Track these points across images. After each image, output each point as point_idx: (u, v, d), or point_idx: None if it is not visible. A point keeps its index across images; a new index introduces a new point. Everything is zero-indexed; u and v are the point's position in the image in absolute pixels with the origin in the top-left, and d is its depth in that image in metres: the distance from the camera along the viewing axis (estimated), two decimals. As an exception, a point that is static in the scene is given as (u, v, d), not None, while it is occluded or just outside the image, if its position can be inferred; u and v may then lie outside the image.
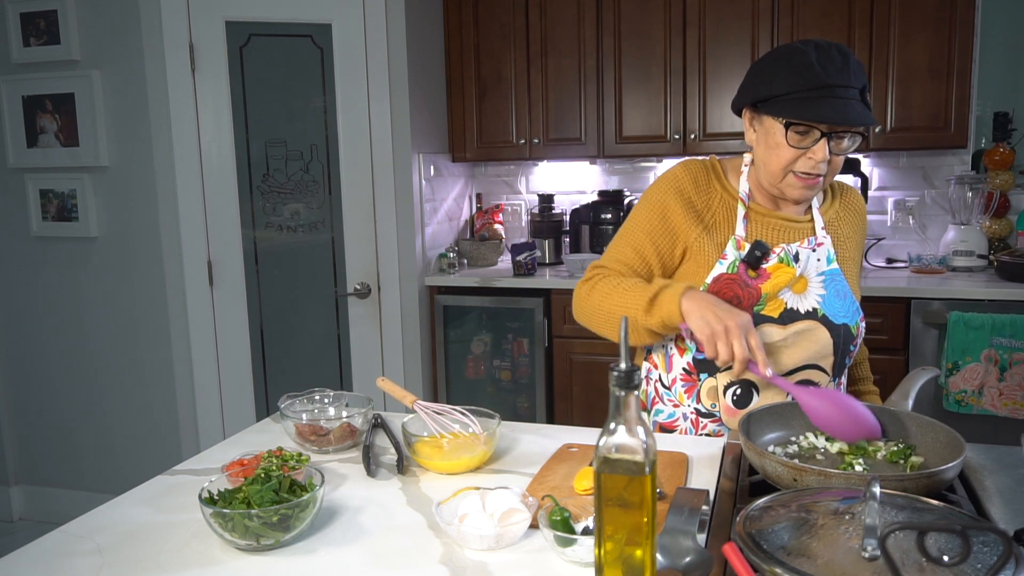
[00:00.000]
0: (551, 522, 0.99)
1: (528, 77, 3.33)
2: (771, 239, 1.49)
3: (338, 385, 3.14)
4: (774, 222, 1.50)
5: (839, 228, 1.55)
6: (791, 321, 1.44)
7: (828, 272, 1.48)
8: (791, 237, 1.49)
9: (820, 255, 1.49)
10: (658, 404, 1.57)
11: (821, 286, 1.48)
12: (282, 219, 3.04)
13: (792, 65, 1.36)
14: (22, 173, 3.12)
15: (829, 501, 0.90)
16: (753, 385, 1.46)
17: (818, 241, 1.50)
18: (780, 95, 1.36)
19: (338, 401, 1.50)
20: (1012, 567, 0.74)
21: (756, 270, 1.45)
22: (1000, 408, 2.58)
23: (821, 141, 1.36)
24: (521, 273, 3.23)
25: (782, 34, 3.00)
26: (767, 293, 1.44)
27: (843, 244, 1.54)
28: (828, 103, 1.33)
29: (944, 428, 1.16)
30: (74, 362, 3.22)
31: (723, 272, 1.46)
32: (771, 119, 1.39)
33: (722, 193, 1.51)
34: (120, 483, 2.98)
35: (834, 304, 1.47)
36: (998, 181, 3.04)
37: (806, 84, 1.34)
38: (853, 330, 1.48)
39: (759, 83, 1.41)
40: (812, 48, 1.36)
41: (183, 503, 1.18)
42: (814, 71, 1.33)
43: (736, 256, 1.46)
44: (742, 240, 1.47)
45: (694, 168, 1.53)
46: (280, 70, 2.98)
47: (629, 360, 0.80)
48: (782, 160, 1.39)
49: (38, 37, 2.97)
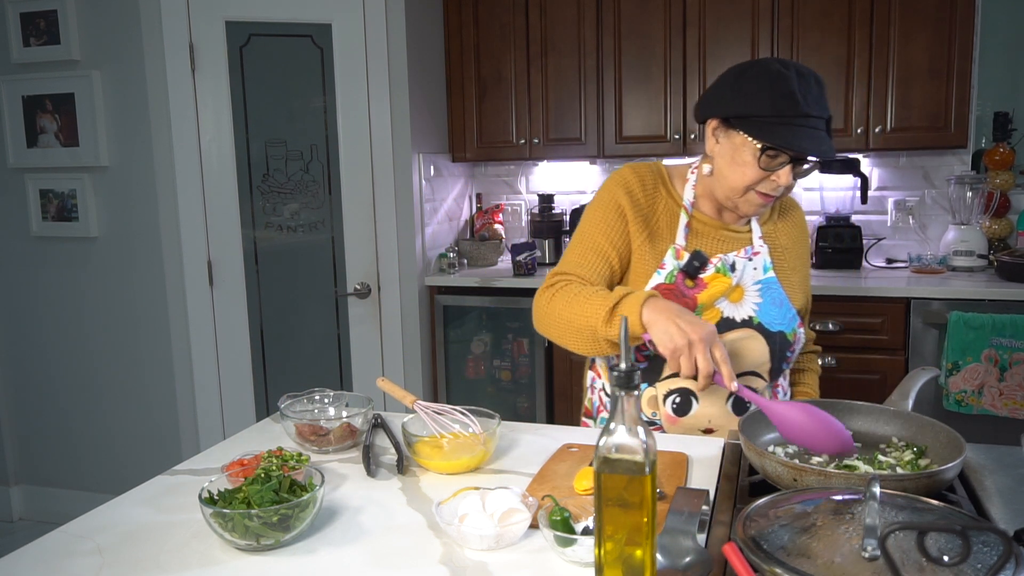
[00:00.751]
0: (551, 522, 0.99)
1: (528, 77, 3.33)
2: (709, 249, 1.50)
3: (338, 385, 3.14)
4: (714, 232, 1.51)
5: (777, 238, 1.57)
6: (728, 330, 1.45)
7: (764, 281, 1.50)
8: (729, 247, 1.51)
9: (756, 264, 1.51)
10: (603, 412, 1.58)
11: (757, 295, 1.49)
12: (282, 219, 3.04)
13: (775, 88, 1.34)
14: (22, 173, 3.12)
15: (829, 501, 0.90)
16: (692, 393, 1.47)
17: (755, 250, 1.51)
18: (759, 116, 1.35)
19: (338, 401, 1.50)
20: (1012, 567, 0.74)
21: (694, 280, 1.46)
22: (1000, 408, 2.58)
23: (787, 167, 1.37)
24: (521, 273, 3.23)
25: (782, 34, 3.00)
26: (703, 303, 1.45)
27: (781, 254, 1.56)
28: (805, 133, 1.34)
29: (944, 428, 1.16)
30: (74, 362, 3.22)
31: (661, 282, 1.47)
32: (743, 137, 1.38)
33: (667, 199, 1.52)
34: (120, 483, 2.98)
35: (770, 312, 1.49)
36: (998, 181, 3.04)
37: (786, 111, 1.33)
38: (790, 337, 1.50)
39: (737, 98, 1.39)
40: (793, 73, 1.35)
41: (183, 503, 1.18)
42: (795, 99, 1.33)
43: (674, 265, 1.48)
44: (681, 249, 1.49)
45: (641, 171, 1.54)
46: (280, 70, 2.98)
47: (629, 360, 0.80)
48: (746, 179, 1.40)
49: (38, 37, 2.97)
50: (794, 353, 1.53)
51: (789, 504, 0.91)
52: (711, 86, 1.47)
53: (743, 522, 0.88)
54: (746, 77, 1.39)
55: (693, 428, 1.48)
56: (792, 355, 1.52)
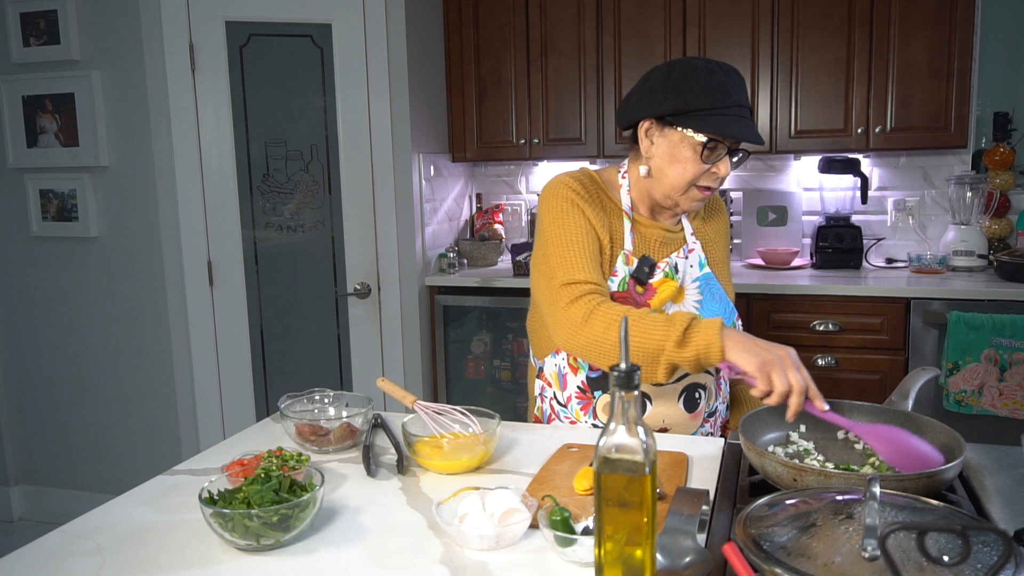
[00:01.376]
0: (551, 522, 0.99)
1: (528, 77, 3.33)
2: (654, 252, 1.51)
3: (338, 385, 3.14)
4: (654, 233, 1.52)
5: (706, 232, 1.60)
6: None
7: (702, 277, 1.52)
8: (669, 248, 1.53)
9: (692, 261, 1.53)
10: (555, 421, 1.58)
11: (697, 292, 1.51)
12: (282, 219, 3.04)
13: (707, 82, 1.37)
14: (22, 173, 3.12)
15: (829, 501, 0.90)
16: (647, 396, 1.48)
17: (689, 248, 1.54)
18: (696, 110, 1.37)
19: (338, 401, 1.50)
20: (1012, 567, 0.74)
21: (643, 285, 1.46)
22: (1000, 408, 2.58)
23: (725, 157, 1.41)
24: (521, 273, 3.23)
25: (782, 34, 3.00)
26: (655, 308, 1.45)
27: (711, 247, 1.58)
28: (741, 123, 1.38)
29: (944, 428, 1.16)
30: (74, 362, 3.22)
31: (615, 290, 1.47)
32: (681, 133, 1.40)
33: (608, 204, 1.52)
34: (120, 483, 2.98)
35: (712, 308, 1.50)
36: (998, 181, 3.04)
37: (721, 102, 1.37)
38: None
39: (671, 96, 1.39)
40: (716, 67, 1.39)
41: (183, 503, 1.18)
42: (726, 90, 1.37)
43: (625, 272, 1.48)
44: (630, 255, 1.49)
45: (578, 176, 1.51)
46: (280, 70, 2.98)
47: (629, 360, 0.80)
48: (687, 174, 1.41)
49: (38, 37, 2.97)
50: None
51: (789, 504, 0.91)
52: (634, 90, 1.47)
53: (743, 522, 0.88)
54: (675, 75, 1.40)
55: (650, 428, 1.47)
56: None
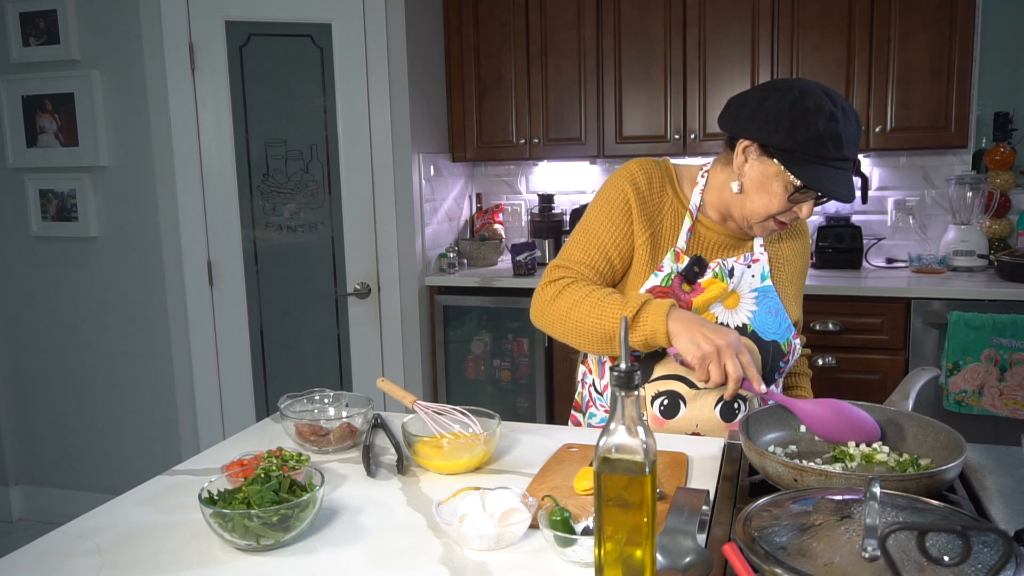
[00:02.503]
0: (551, 522, 0.99)
1: (528, 77, 3.33)
2: (709, 254, 1.49)
3: (338, 385, 3.14)
4: (716, 237, 1.50)
5: (779, 248, 1.56)
6: None
7: (761, 289, 1.49)
8: (729, 252, 1.51)
9: (755, 271, 1.49)
10: (592, 408, 1.59)
11: (753, 302, 1.48)
12: (282, 219, 3.04)
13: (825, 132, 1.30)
14: (22, 173, 3.12)
15: (829, 501, 0.90)
16: (681, 397, 1.46)
17: (754, 257, 1.50)
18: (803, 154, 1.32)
19: (338, 401, 1.50)
20: (1012, 567, 0.74)
21: (691, 284, 1.45)
22: (1000, 408, 2.58)
23: (810, 203, 1.39)
24: (521, 273, 3.23)
25: (782, 34, 3.00)
26: (697, 307, 1.44)
27: (781, 264, 1.55)
28: (839, 176, 1.33)
29: (944, 428, 1.16)
30: (74, 362, 3.22)
31: (657, 284, 1.46)
32: (779, 168, 1.35)
33: (673, 199, 1.51)
34: (120, 483, 2.98)
35: (765, 321, 1.47)
36: (998, 181, 3.04)
37: (830, 154, 1.31)
38: (784, 347, 1.48)
39: (782, 129, 1.32)
40: (840, 114, 1.31)
41: (183, 503, 1.18)
42: (840, 143, 1.31)
43: (673, 268, 1.46)
44: (681, 252, 1.47)
45: (649, 167, 1.51)
46: (280, 70, 2.98)
47: (629, 360, 0.80)
48: (771, 208, 1.40)
49: (38, 37, 2.97)
50: (787, 364, 1.50)
51: (789, 504, 0.91)
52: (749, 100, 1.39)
53: (743, 522, 0.88)
54: (797, 109, 1.32)
55: (680, 431, 1.47)
56: (785, 366, 1.50)
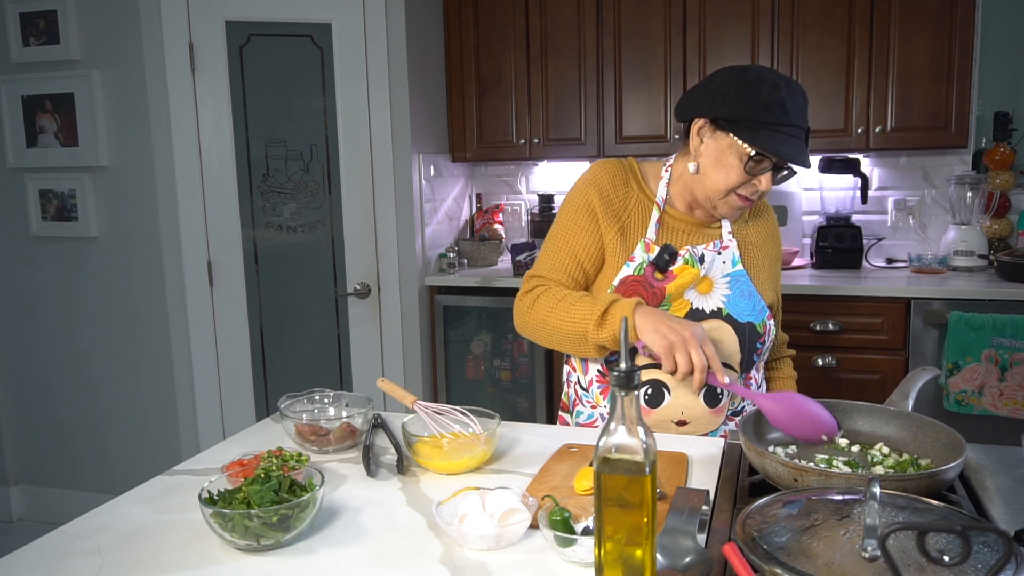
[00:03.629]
0: (551, 522, 0.99)
1: (528, 77, 3.33)
2: (679, 242, 1.54)
3: (338, 385, 3.14)
4: (684, 227, 1.55)
5: (747, 234, 1.60)
6: (696, 320, 1.48)
7: (733, 273, 1.53)
8: (698, 240, 1.55)
9: (725, 257, 1.54)
10: (579, 406, 1.61)
11: (726, 287, 1.52)
12: (282, 219, 3.04)
13: (769, 98, 1.39)
14: (22, 173, 3.12)
15: (829, 501, 0.90)
16: (664, 385, 1.49)
17: (723, 244, 1.55)
18: (749, 120, 1.39)
19: (338, 401, 1.50)
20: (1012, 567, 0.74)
21: (663, 273, 1.49)
22: (1001, 408, 2.58)
23: (769, 173, 1.43)
24: (521, 273, 3.23)
25: (782, 34, 3.00)
26: (671, 293, 1.49)
27: (750, 249, 1.59)
28: (791, 142, 1.39)
29: (944, 428, 1.16)
30: (74, 362, 3.22)
31: (630, 274, 1.51)
32: (732, 139, 1.42)
33: (639, 194, 1.56)
34: (120, 483, 2.98)
35: (739, 303, 1.51)
36: (998, 181, 3.04)
37: (775, 119, 1.38)
38: (759, 328, 1.52)
39: (729, 102, 1.41)
40: (783, 83, 1.40)
41: (183, 503, 1.18)
42: (784, 107, 1.38)
43: (644, 258, 1.51)
44: (651, 243, 1.52)
45: (611, 168, 1.58)
46: (280, 70, 2.98)
47: (629, 361, 0.80)
48: (730, 181, 1.44)
49: (38, 37, 2.97)
50: (764, 345, 1.54)
51: (789, 504, 0.91)
52: (697, 87, 1.50)
53: (743, 522, 0.88)
54: (740, 83, 1.42)
55: (666, 419, 1.49)
56: (762, 347, 1.54)
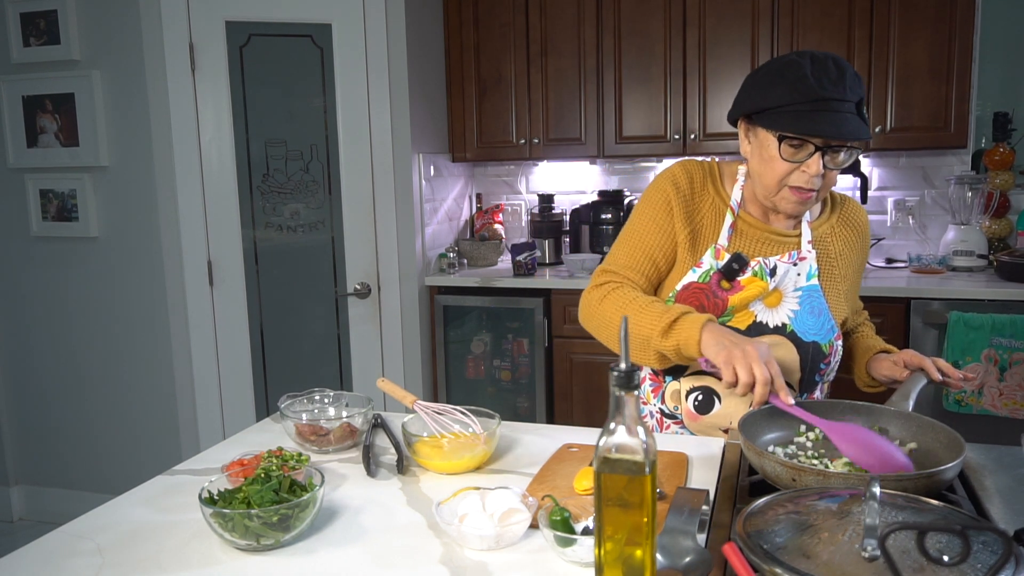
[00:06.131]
0: (551, 522, 0.99)
1: (528, 77, 3.33)
2: (752, 251, 1.47)
3: (338, 385, 3.14)
4: (760, 234, 1.48)
5: (830, 244, 1.52)
6: (758, 334, 1.43)
7: (806, 288, 1.46)
8: (773, 250, 1.47)
9: (801, 270, 1.46)
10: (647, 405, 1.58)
11: (796, 302, 1.46)
12: (282, 219, 3.04)
13: (786, 77, 1.34)
14: (22, 173, 3.12)
15: (829, 501, 0.90)
16: (715, 393, 1.44)
17: (800, 255, 1.47)
18: (774, 107, 1.34)
19: (338, 401, 1.50)
20: (1012, 567, 0.74)
21: (731, 282, 1.43)
22: (1000, 408, 2.58)
23: (815, 155, 1.33)
24: (521, 273, 3.23)
25: (782, 34, 3.00)
26: (733, 305, 1.43)
27: (832, 261, 1.51)
28: (823, 117, 1.31)
29: (944, 428, 1.16)
30: (74, 362, 3.22)
31: (694, 280, 1.46)
32: (765, 131, 1.37)
33: (715, 197, 1.50)
34: (120, 483, 2.98)
35: (806, 321, 1.45)
36: (998, 181, 3.04)
37: (800, 97, 1.31)
38: (825, 348, 1.46)
39: (754, 95, 1.39)
40: (808, 60, 1.34)
41: (183, 503, 1.18)
42: (808, 83, 1.31)
43: (712, 265, 1.45)
44: (722, 249, 1.46)
45: (691, 168, 1.52)
46: (280, 70, 2.98)
47: (629, 360, 0.80)
48: (776, 173, 1.37)
49: (38, 37, 2.97)
50: (829, 366, 1.47)
51: (789, 504, 0.91)
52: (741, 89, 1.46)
53: (743, 522, 0.88)
54: (762, 73, 1.39)
55: (713, 427, 1.45)
56: (827, 367, 1.47)
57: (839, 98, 1.31)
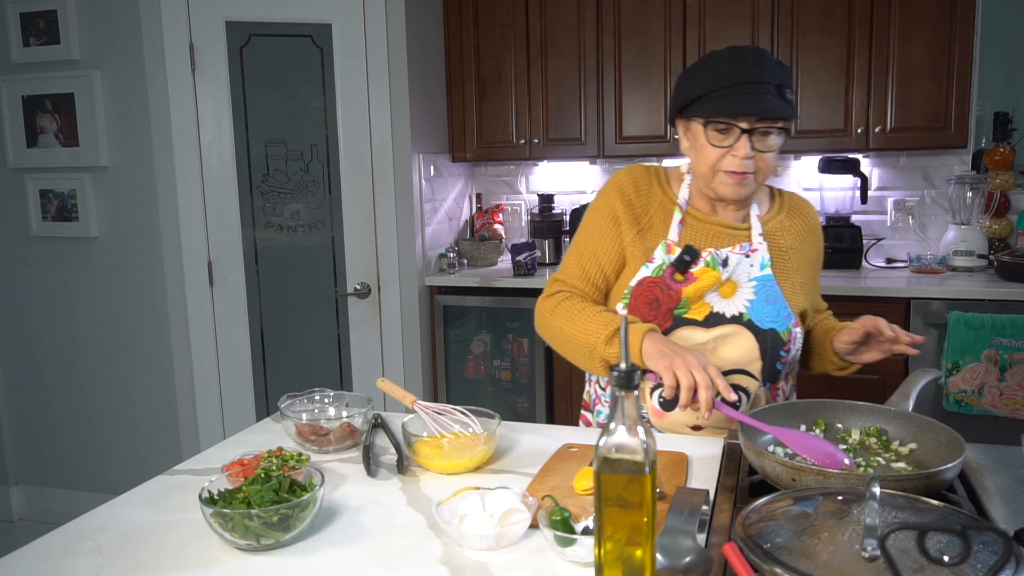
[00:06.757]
0: (551, 522, 0.99)
1: (528, 77, 3.33)
2: (703, 244, 1.51)
3: (338, 385, 3.14)
4: (709, 228, 1.52)
5: (780, 238, 1.55)
6: (715, 325, 1.46)
7: (760, 278, 1.49)
8: (724, 242, 1.51)
9: (753, 261, 1.50)
10: (598, 405, 1.61)
11: (751, 291, 1.49)
12: (282, 219, 3.04)
13: (708, 67, 1.42)
14: (22, 173, 3.12)
15: (829, 501, 0.90)
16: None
17: (752, 247, 1.51)
18: (699, 97, 1.41)
19: (338, 401, 1.50)
20: (1012, 567, 0.74)
21: (684, 274, 1.47)
22: (1000, 408, 2.58)
23: (743, 138, 1.39)
24: (521, 273, 3.23)
25: (782, 34, 3.00)
26: (688, 296, 1.46)
27: (783, 253, 1.55)
28: (742, 98, 1.37)
29: (944, 428, 1.16)
30: (74, 362, 3.22)
31: (648, 275, 1.49)
32: (695, 122, 1.44)
33: (662, 197, 1.55)
34: (120, 483, 2.98)
35: (762, 309, 1.48)
36: (998, 181, 3.04)
37: (721, 83, 1.39)
38: (783, 336, 1.48)
39: (683, 90, 1.46)
40: (727, 51, 1.42)
41: (183, 503, 1.18)
42: (727, 69, 1.39)
43: (664, 259, 1.49)
44: (673, 244, 1.50)
45: (636, 172, 1.58)
46: (280, 70, 2.98)
47: (629, 361, 0.80)
48: (709, 160, 1.43)
49: (38, 37, 2.97)
50: (789, 354, 1.50)
51: (789, 504, 0.91)
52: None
53: (743, 522, 0.88)
54: (688, 70, 1.49)
55: (680, 423, 1.47)
56: (787, 355, 1.50)
57: (758, 80, 1.37)
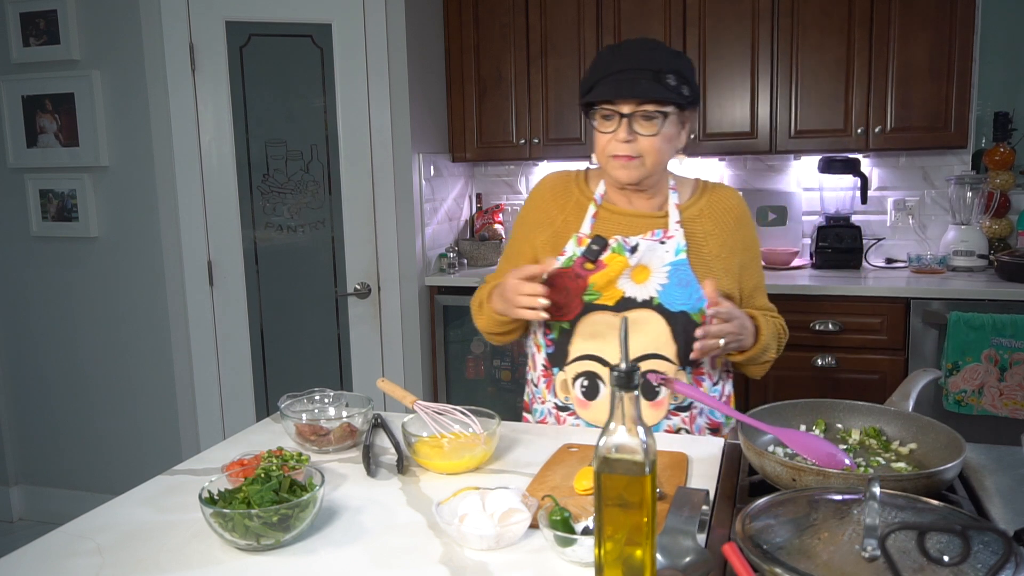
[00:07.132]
0: (551, 522, 0.99)
1: (528, 77, 3.33)
2: (614, 234, 1.56)
3: (338, 385, 3.14)
4: (622, 218, 1.59)
5: (697, 225, 1.59)
6: (626, 309, 1.51)
7: (673, 263, 1.54)
8: (636, 230, 1.56)
9: (668, 247, 1.54)
10: (535, 404, 1.66)
11: (664, 276, 1.53)
12: (282, 219, 3.04)
13: (597, 60, 1.53)
14: (22, 173, 3.12)
15: (829, 501, 0.90)
16: (598, 377, 1.52)
17: (668, 234, 1.55)
18: (587, 90, 1.51)
19: (338, 401, 1.50)
20: (1012, 567, 0.74)
21: (594, 262, 1.52)
22: (1000, 408, 2.58)
23: (622, 123, 1.47)
24: (521, 273, 3.22)
25: (782, 34, 3.00)
26: (594, 282, 1.52)
27: (699, 240, 1.58)
28: (615, 84, 1.46)
29: (944, 428, 1.16)
30: (74, 362, 3.22)
31: (558, 266, 1.56)
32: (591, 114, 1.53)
33: (578, 196, 1.64)
34: (120, 483, 2.98)
35: (673, 293, 1.51)
36: (998, 181, 3.04)
37: (600, 73, 1.49)
38: (695, 318, 1.50)
39: (582, 88, 1.55)
40: (614, 45, 1.55)
41: (183, 503, 1.18)
42: (605, 61, 1.50)
43: (575, 251, 1.56)
44: (584, 237, 1.57)
45: (553, 178, 1.70)
46: (280, 70, 2.98)
47: (629, 360, 0.80)
48: (600, 146, 1.53)
49: (38, 37, 2.97)
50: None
51: (789, 504, 0.91)
52: None
53: (743, 522, 0.88)
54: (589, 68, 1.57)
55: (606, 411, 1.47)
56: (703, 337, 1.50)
57: (632, 67, 1.47)
